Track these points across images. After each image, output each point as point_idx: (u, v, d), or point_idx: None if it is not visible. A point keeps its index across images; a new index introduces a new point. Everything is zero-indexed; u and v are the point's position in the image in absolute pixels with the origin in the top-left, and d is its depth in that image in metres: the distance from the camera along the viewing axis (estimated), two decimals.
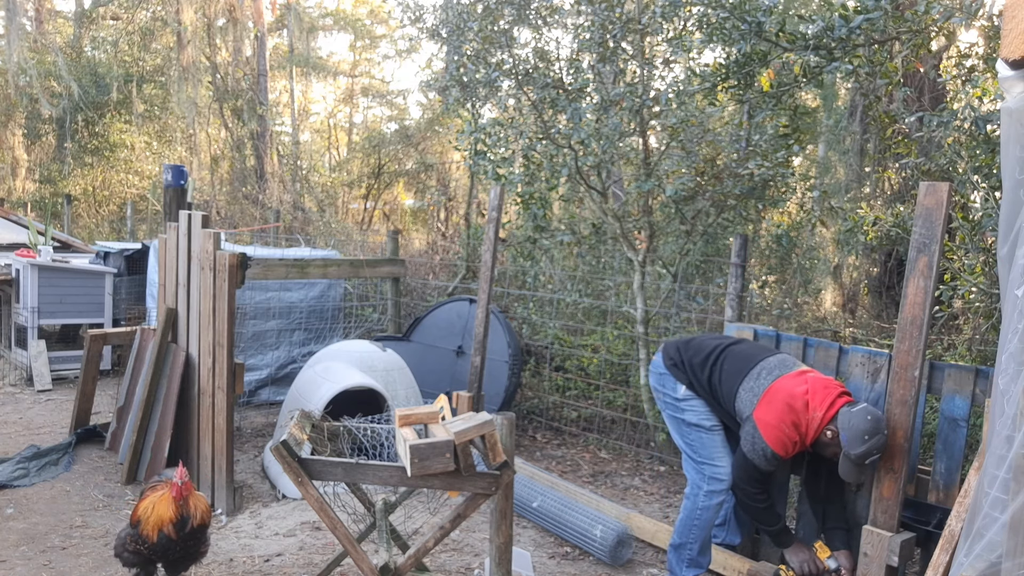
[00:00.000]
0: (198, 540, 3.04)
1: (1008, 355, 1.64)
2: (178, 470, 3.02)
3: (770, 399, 3.06)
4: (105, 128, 15.40)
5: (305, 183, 15.25)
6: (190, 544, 3.00)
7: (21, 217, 9.11)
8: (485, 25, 5.78)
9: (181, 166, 7.58)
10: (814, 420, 2.97)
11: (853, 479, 2.93)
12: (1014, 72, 1.59)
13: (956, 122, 3.59)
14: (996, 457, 1.65)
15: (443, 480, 2.49)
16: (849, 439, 2.84)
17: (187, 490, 2.99)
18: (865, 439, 2.80)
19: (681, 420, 3.41)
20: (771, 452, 3.02)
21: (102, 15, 16.66)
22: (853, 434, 2.83)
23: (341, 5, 21.63)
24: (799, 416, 2.99)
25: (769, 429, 3.02)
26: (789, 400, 3.01)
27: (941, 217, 2.70)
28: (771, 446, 3.02)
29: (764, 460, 3.06)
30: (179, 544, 2.95)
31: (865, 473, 2.93)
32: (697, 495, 3.36)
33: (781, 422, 3.00)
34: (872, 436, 2.81)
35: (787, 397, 3.02)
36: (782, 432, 3.01)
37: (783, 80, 4.33)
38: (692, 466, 3.41)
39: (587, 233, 6.23)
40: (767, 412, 3.04)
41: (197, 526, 2.99)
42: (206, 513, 3.05)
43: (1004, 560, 1.58)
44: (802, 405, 2.99)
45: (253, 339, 6.31)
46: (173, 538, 2.93)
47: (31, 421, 5.74)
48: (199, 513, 3.00)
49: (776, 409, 3.02)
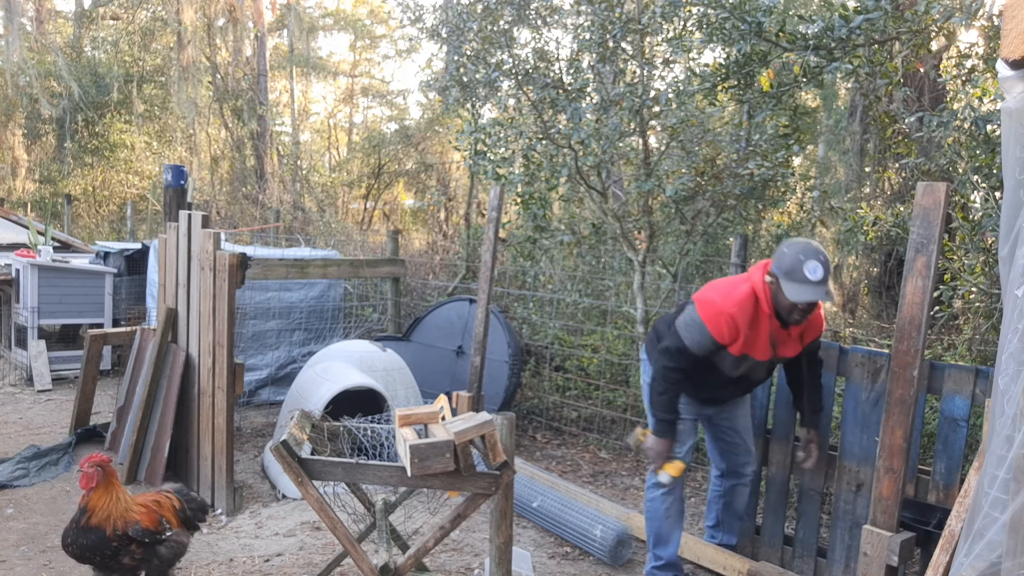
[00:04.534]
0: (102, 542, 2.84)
1: (1008, 355, 1.64)
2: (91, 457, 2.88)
3: (712, 286, 3.16)
4: (105, 128, 15.39)
5: (305, 183, 15.25)
6: (95, 542, 2.83)
7: (21, 217, 9.11)
8: (485, 25, 5.78)
9: (181, 166, 7.58)
10: (756, 280, 3.00)
11: (810, 298, 2.84)
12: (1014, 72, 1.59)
13: (956, 122, 3.60)
14: (996, 457, 1.65)
15: (443, 480, 2.49)
16: (785, 263, 2.89)
17: (91, 481, 2.84)
18: (800, 258, 2.85)
19: (649, 405, 3.38)
20: (705, 330, 2.99)
21: (102, 15, 16.66)
22: (787, 258, 2.89)
23: (341, 5, 21.63)
24: (737, 288, 3.01)
25: (706, 305, 3.04)
26: (730, 281, 3.15)
27: (939, 217, 2.70)
28: (705, 322, 3.00)
29: (693, 338, 3.03)
30: (79, 535, 2.81)
31: (820, 292, 2.84)
32: (647, 485, 3.39)
33: (719, 298, 3.02)
34: (806, 252, 2.85)
35: (728, 281, 3.15)
36: (718, 309, 2.99)
37: (783, 80, 4.33)
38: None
39: (587, 233, 6.23)
40: (707, 292, 3.12)
41: (93, 525, 2.81)
42: (117, 519, 2.85)
43: (1004, 560, 1.58)
44: (742, 279, 3.09)
45: (253, 339, 6.31)
46: (67, 528, 2.84)
47: (31, 421, 5.74)
48: (105, 515, 2.83)
49: (716, 288, 3.11)
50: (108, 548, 2.88)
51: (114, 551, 2.89)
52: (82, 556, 2.89)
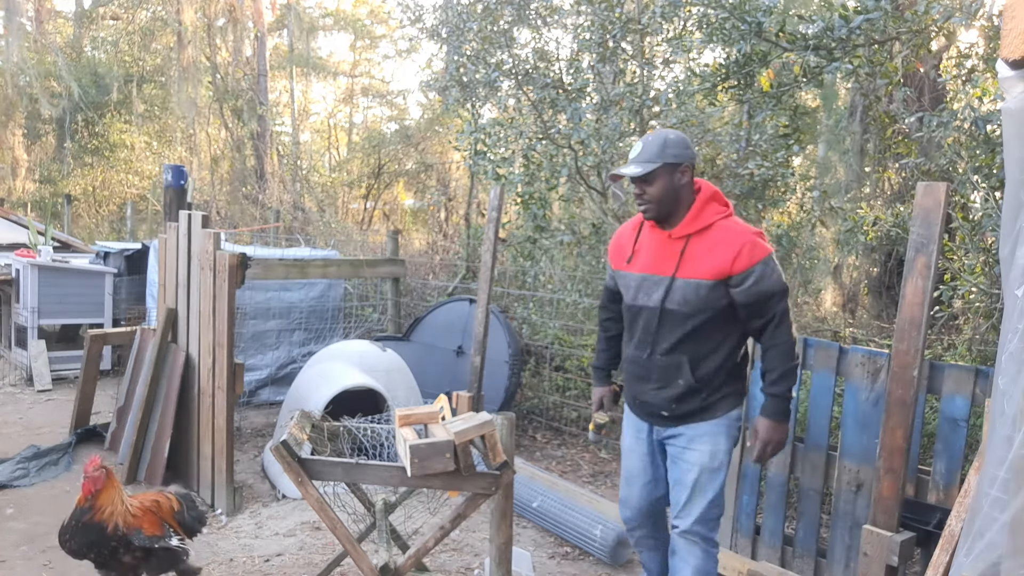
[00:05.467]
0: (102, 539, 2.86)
1: (1008, 355, 1.63)
2: (93, 461, 2.91)
3: None
4: (105, 128, 15.39)
5: (305, 183, 15.25)
6: (94, 539, 2.86)
7: (21, 217, 9.11)
8: (485, 25, 5.78)
9: (181, 166, 7.58)
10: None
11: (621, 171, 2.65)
12: (1014, 72, 1.59)
13: (956, 122, 3.60)
14: (996, 457, 1.65)
15: (443, 480, 2.49)
16: None
17: (96, 484, 2.86)
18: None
19: None
20: (608, 264, 2.89)
21: (102, 15, 16.67)
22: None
23: (341, 5, 21.60)
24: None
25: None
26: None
27: (939, 217, 2.70)
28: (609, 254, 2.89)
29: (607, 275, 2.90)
30: (78, 532, 2.85)
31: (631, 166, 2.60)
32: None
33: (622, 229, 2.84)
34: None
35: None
36: (617, 234, 2.85)
37: (783, 80, 4.33)
38: None
39: (587, 233, 6.23)
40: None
41: (96, 521, 2.85)
42: (119, 518, 2.88)
43: (1004, 560, 1.58)
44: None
45: (253, 339, 6.31)
46: (65, 525, 2.87)
47: (31, 421, 5.74)
48: (109, 512, 2.86)
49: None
50: (107, 546, 2.89)
51: (112, 550, 2.89)
52: (79, 552, 2.91)
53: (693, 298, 2.56)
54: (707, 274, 2.54)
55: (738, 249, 2.51)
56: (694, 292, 2.55)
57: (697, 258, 2.57)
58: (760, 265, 2.51)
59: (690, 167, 2.63)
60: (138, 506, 3.01)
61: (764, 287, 2.52)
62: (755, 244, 2.53)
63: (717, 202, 2.65)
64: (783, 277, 2.58)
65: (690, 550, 2.66)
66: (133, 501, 3.02)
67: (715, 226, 2.59)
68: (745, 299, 2.54)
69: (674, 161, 2.59)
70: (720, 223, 2.60)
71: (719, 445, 2.63)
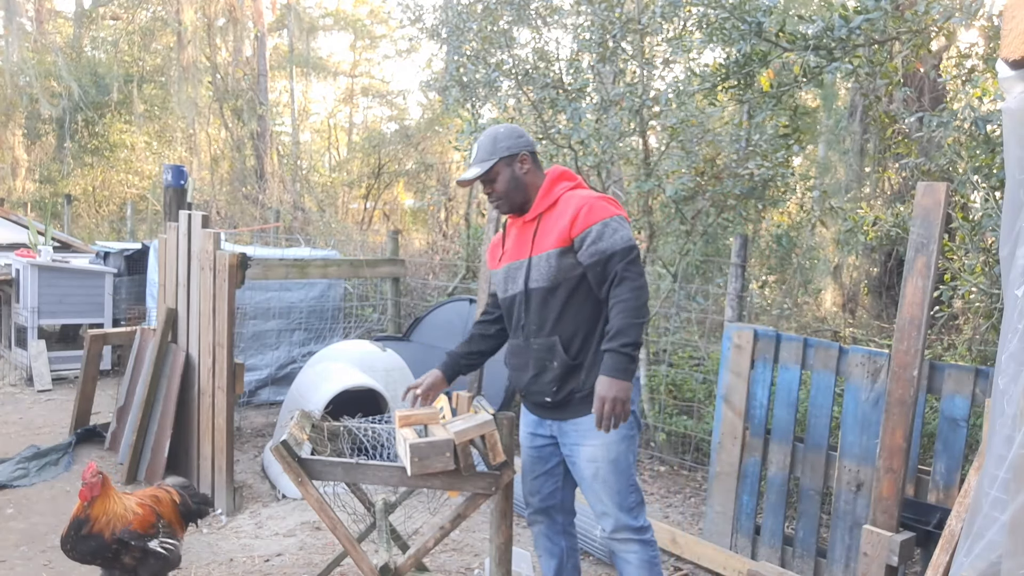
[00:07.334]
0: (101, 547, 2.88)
1: (1008, 355, 1.63)
2: (90, 466, 2.91)
3: None
4: (105, 128, 15.39)
5: (305, 183, 15.24)
6: (95, 548, 2.87)
7: (21, 217, 9.11)
8: (485, 25, 5.78)
9: (181, 166, 7.57)
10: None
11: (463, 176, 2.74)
12: (1014, 72, 1.59)
13: (956, 122, 3.60)
14: (996, 457, 1.65)
15: (443, 480, 2.49)
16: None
17: (93, 491, 2.87)
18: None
19: None
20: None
21: (102, 15, 16.67)
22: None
23: (341, 5, 21.61)
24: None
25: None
26: None
27: (939, 217, 2.70)
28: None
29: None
30: (79, 543, 2.86)
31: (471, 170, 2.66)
32: None
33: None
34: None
35: None
36: (492, 240, 2.89)
37: (783, 80, 4.33)
38: None
39: None
40: None
41: (94, 533, 2.85)
42: (115, 522, 2.89)
43: (1004, 560, 1.58)
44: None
45: (253, 339, 6.31)
46: (65, 534, 2.88)
47: (31, 421, 5.74)
48: (105, 521, 2.87)
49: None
50: (108, 551, 2.91)
51: (115, 553, 2.92)
52: (83, 559, 2.94)
53: (547, 270, 2.55)
54: (554, 243, 2.54)
55: (576, 212, 2.51)
56: (547, 264, 2.55)
57: (547, 232, 2.58)
58: (599, 225, 2.47)
59: (528, 154, 2.67)
60: (137, 503, 3.01)
61: (602, 246, 2.45)
62: (594, 206, 2.51)
63: (565, 179, 2.68)
64: (629, 239, 2.48)
65: (625, 547, 2.63)
66: (132, 499, 3.02)
67: (561, 198, 2.60)
68: (587, 260, 2.49)
69: (509, 153, 2.63)
70: (566, 195, 2.61)
71: (610, 433, 2.47)
